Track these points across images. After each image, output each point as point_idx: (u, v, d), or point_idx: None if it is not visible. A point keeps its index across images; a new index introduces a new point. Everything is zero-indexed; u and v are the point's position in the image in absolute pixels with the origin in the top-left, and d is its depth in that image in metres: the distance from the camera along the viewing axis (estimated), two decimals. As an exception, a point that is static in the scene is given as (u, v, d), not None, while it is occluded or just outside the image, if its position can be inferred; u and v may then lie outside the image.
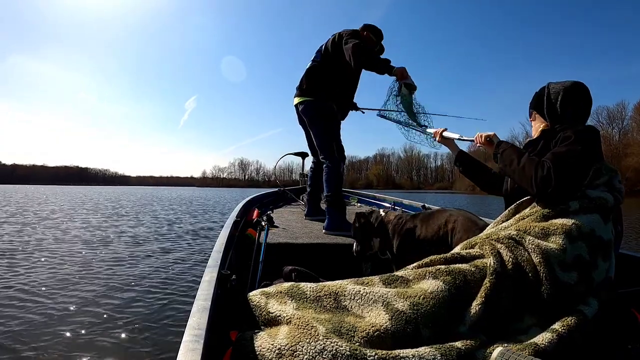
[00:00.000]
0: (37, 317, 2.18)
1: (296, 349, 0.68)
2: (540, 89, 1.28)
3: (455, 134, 1.55)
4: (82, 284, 2.90)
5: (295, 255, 1.70)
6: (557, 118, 1.21)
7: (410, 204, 3.45)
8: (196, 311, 0.74)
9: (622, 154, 38.89)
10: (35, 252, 3.97)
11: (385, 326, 0.74)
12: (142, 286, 2.89)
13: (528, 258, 0.91)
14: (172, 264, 3.70)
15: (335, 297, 0.84)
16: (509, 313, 0.85)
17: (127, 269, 3.41)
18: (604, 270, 0.95)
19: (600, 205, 0.99)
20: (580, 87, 1.20)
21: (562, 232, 0.93)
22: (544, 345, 0.76)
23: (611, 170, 1.09)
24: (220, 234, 1.48)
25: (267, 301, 0.84)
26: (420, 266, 0.94)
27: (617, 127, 44.00)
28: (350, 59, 2.26)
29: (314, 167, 2.84)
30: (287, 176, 75.35)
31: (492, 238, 1.00)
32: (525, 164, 1.06)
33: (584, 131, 1.09)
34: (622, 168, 35.32)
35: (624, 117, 43.43)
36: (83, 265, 3.48)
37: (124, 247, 4.53)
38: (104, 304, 2.46)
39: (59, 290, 2.71)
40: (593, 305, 0.88)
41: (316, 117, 2.53)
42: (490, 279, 0.85)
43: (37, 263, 3.51)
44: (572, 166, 1.00)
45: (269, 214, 2.04)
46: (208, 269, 1.01)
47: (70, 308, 2.36)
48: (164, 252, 4.31)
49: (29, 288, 2.73)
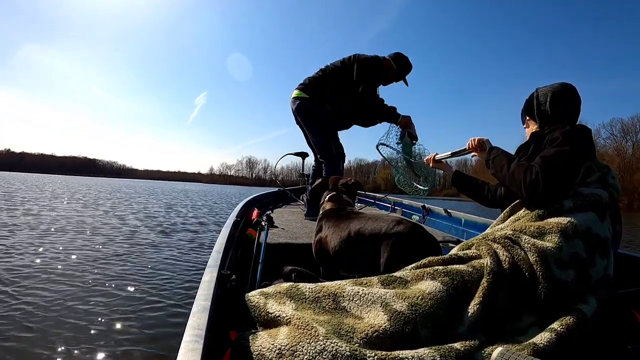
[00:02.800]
0: (36, 317, 2.18)
1: (296, 349, 0.68)
2: (530, 95, 1.32)
3: (447, 152, 1.58)
4: (80, 282, 2.90)
5: (295, 255, 1.70)
6: (548, 119, 1.24)
7: (410, 204, 3.45)
8: (196, 311, 0.74)
9: (635, 167, 38.25)
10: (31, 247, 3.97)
11: (384, 327, 0.74)
12: (142, 286, 2.89)
13: (524, 257, 0.91)
14: (172, 264, 3.70)
15: (334, 297, 0.84)
16: (507, 312, 0.85)
17: (127, 269, 3.42)
18: (602, 268, 0.95)
19: (594, 202, 1.00)
20: (568, 88, 1.23)
21: (557, 231, 0.94)
22: (543, 344, 0.76)
23: (603, 167, 1.10)
24: (220, 234, 1.49)
25: (266, 301, 0.85)
26: (418, 267, 0.94)
27: (631, 140, 43.10)
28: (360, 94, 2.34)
29: (315, 167, 2.85)
30: (293, 176, 75.43)
31: (489, 238, 1.01)
32: (514, 169, 1.09)
33: (571, 131, 1.10)
34: (635, 182, 34.81)
35: (639, 131, 42.44)
36: (82, 264, 3.48)
37: (124, 247, 4.54)
38: (103, 303, 2.46)
39: (56, 289, 2.71)
40: (592, 303, 0.88)
41: (310, 117, 2.55)
42: (488, 279, 0.85)
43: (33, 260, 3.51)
44: (560, 168, 1.02)
45: (269, 214, 2.04)
46: (208, 269, 1.01)
47: (69, 307, 2.36)
48: (164, 252, 4.32)
49: (26, 285, 2.73)
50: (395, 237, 1.14)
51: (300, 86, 2.57)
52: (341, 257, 1.31)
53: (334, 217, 1.42)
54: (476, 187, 1.49)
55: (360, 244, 1.23)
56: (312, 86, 2.52)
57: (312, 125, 2.56)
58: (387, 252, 1.13)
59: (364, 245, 1.22)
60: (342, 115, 2.65)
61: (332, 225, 1.37)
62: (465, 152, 1.43)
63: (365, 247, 1.22)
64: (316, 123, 2.54)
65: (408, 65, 2.56)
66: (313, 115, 2.53)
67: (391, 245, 1.13)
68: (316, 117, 2.53)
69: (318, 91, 2.50)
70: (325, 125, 2.54)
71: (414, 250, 1.08)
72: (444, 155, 1.60)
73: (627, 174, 37.31)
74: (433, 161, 1.64)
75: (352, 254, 1.27)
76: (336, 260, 1.34)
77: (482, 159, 1.31)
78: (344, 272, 1.35)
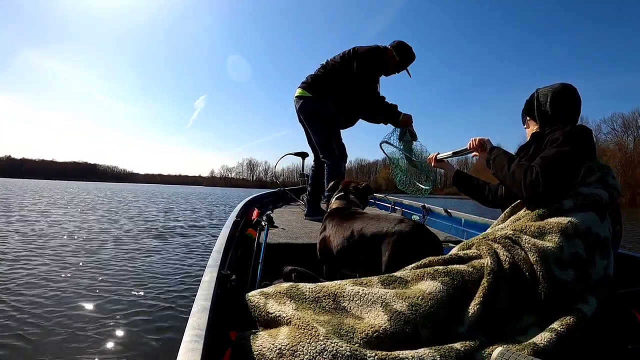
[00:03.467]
0: (36, 316, 2.18)
1: (297, 349, 0.68)
2: (530, 95, 1.32)
3: (449, 152, 1.58)
4: (81, 282, 2.90)
5: (295, 255, 1.70)
6: (548, 120, 1.24)
7: (410, 204, 3.45)
8: (196, 311, 0.74)
9: (637, 162, 38.03)
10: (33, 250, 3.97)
11: (384, 327, 0.74)
12: (142, 286, 2.89)
13: (525, 257, 0.91)
14: (172, 264, 3.70)
15: (334, 297, 0.84)
16: (508, 312, 0.85)
17: (126, 269, 3.41)
18: (602, 268, 0.95)
19: (594, 202, 1.00)
20: (569, 88, 1.24)
21: (557, 231, 0.94)
22: (543, 344, 0.76)
23: (603, 167, 1.10)
24: (220, 234, 1.49)
25: (266, 302, 0.85)
26: (418, 267, 0.94)
27: (632, 134, 42.73)
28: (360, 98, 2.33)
29: (315, 167, 2.84)
30: (295, 178, 75.56)
31: (489, 238, 1.00)
32: (515, 169, 1.10)
33: (572, 131, 1.11)
34: (637, 177, 34.60)
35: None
36: (82, 264, 3.48)
37: (123, 246, 4.53)
38: (102, 303, 2.46)
39: (56, 289, 2.71)
40: (592, 303, 0.88)
41: (313, 115, 2.53)
42: (488, 279, 0.85)
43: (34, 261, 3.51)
44: (560, 168, 1.02)
45: (269, 214, 2.04)
46: (208, 269, 1.01)
47: (69, 307, 2.36)
48: (163, 252, 4.32)
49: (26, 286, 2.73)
50: (396, 236, 1.14)
51: (302, 85, 2.56)
52: (344, 256, 1.32)
53: (337, 217, 1.42)
54: (477, 187, 1.49)
55: (363, 243, 1.23)
56: (314, 84, 2.51)
57: (314, 124, 2.55)
58: (389, 251, 1.13)
59: (367, 244, 1.22)
60: (345, 112, 2.63)
61: (336, 224, 1.38)
62: (467, 152, 1.43)
63: (367, 246, 1.22)
64: (319, 122, 2.53)
65: (411, 55, 2.46)
66: (316, 114, 2.52)
67: (392, 244, 1.13)
68: (319, 116, 2.51)
69: (320, 89, 2.49)
70: (327, 125, 2.53)
71: (415, 249, 1.08)
72: (445, 154, 1.60)
73: (629, 168, 37.16)
74: (434, 161, 1.65)
75: (355, 252, 1.28)
76: (339, 259, 1.34)
77: (483, 159, 1.31)
78: (347, 271, 1.36)
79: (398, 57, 2.45)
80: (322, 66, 2.54)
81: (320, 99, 2.49)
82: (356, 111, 2.66)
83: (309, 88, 2.51)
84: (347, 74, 2.40)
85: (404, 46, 2.46)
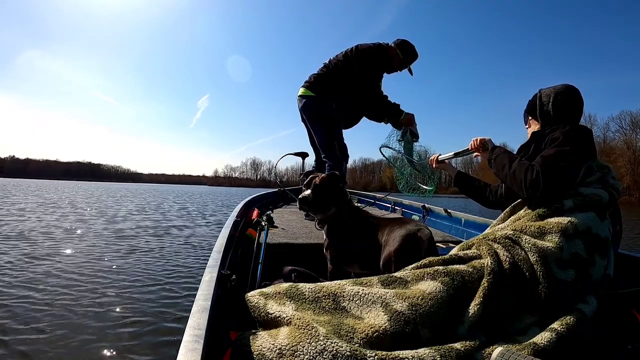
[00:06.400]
0: (35, 316, 2.18)
1: (297, 349, 0.68)
2: (533, 96, 1.33)
3: (450, 152, 1.58)
4: (81, 282, 2.90)
5: (295, 255, 1.70)
6: (551, 120, 1.25)
7: (410, 204, 3.45)
8: (196, 311, 0.74)
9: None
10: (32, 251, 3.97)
11: (384, 327, 0.74)
12: (142, 286, 2.89)
13: (525, 257, 0.91)
14: (172, 264, 3.70)
15: (334, 298, 0.84)
16: (508, 312, 0.85)
17: (126, 269, 3.41)
18: (602, 268, 0.95)
19: (595, 202, 1.00)
20: (571, 89, 1.24)
21: (558, 231, 0.94)
22: (543, 344, 0.76)
23: (603, 167, 1.10)
24: (220, 234, 1.49)
25: (266, 302, 0.85)
26: (418, 267, 0.94)
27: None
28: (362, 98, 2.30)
29: (315, 167, 2.84)
30: (298, 177, 75.49)
31: (489, 238, 1.00)
32: (515, 169, 1.10)
33: (572, 131, 1.11)
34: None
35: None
36: (82, 263, 3.48)
37: (123, 246, 4.53)
38: (102, 303, 2.46)
39: (55, 289, 2.71)
40: (592, 303, 0.88)
41: (316, 115, 2.52)
42: (488, 279, 0.85)
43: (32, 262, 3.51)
44: (560, 168, 1.02)
45: (269, 214, 2.04)
46: (208, 269, 1.01)
47: (69, 307, 2.36)
48: (164, 253, 4.32)
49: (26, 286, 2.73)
50: (397, 237, 1.15)
51: (305, 84, 2.55)
52: (345, 256, 1.34)
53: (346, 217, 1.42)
54: (478, 188, 1.49)
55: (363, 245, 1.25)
56: (317, 83, 2.50)
57: (317, 123, 2.55)
58: (387, 252, 1.14)
59: (367, 246, 1.24)
60: (348, 111, 2.62)
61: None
62: (468, 152, 1.43)
63: (368, 248, 1.24)
64: (321, 121, 2.52)
65: (414, 53, 2.47)
66: (318, 113, 2.51)
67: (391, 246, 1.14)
68: (321, 116, 2.51)
69: (323, 88, 2.48)
70: (330, 124, 2.52)
71: (413, 252, 1.09)
72: (446, 155, 1.60)
73: (638, 167, 36.60)
74: (436, 162, 1.65)
75: (356, 253, 1.30)
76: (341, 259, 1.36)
77: (485, 159, 1.31)
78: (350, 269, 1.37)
79: (402, 56, 2.45)
80: (325, 65, 2.54)
81: (323, 98, 2.48)
82: (359, 110, 2.66)
83: (312, 87, 2.50)
84: (350, 73, 2.40)
85: (407, 44, 2.47)
